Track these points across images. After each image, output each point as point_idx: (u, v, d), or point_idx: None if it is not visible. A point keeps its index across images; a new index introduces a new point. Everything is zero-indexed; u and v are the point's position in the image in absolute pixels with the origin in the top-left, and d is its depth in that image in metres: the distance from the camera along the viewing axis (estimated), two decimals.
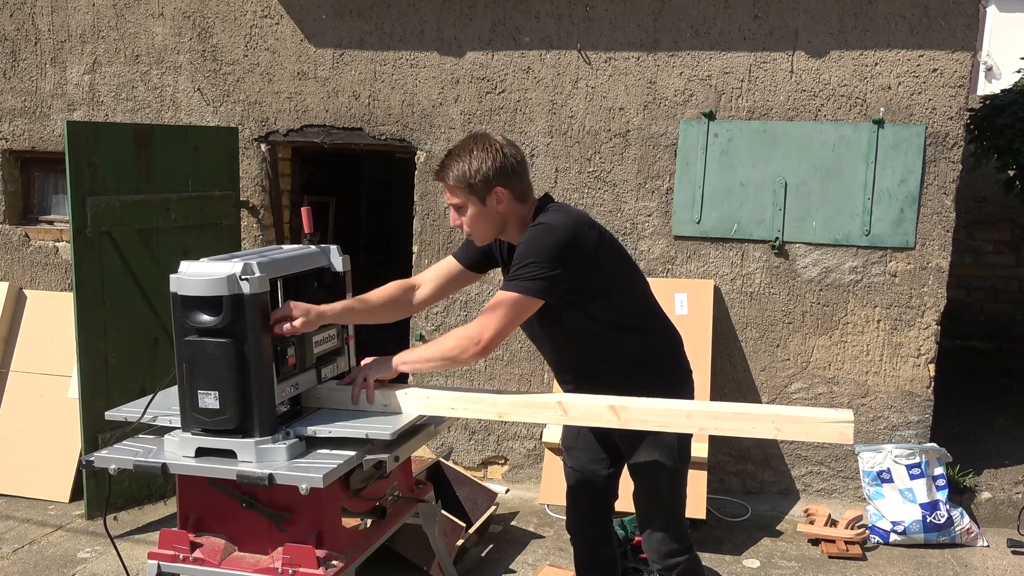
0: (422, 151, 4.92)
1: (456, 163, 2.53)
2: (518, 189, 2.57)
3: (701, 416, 2.44)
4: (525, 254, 2.46)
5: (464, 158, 2.52)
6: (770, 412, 2.41)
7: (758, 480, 4.81)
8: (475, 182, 2.52)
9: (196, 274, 2.36)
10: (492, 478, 5.02)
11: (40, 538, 4.21)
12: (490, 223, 2.59)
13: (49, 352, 4.93)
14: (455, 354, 2.50)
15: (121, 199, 4.27)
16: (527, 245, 2.47)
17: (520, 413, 2.56)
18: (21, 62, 5.35)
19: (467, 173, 2.52)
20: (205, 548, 2.50)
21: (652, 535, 2.73)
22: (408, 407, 2.61)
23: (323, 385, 2.69)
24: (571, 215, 2.55)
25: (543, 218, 2.52)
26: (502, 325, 2.46)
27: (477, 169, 2.51)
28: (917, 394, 4.60)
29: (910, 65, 4.41)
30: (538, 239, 2.47)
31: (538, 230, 2.48)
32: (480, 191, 2.53)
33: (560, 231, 2.46)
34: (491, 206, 2.55)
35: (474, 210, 2.56)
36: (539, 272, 2.43)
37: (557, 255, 2.44)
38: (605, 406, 2.47)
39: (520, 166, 2.58)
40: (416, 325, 5.04)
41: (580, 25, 4.67)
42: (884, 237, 4.51)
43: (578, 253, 2.47)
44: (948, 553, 4.20)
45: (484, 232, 2.62)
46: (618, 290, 2.60)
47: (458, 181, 2.53)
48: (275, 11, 4.99)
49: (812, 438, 2.40)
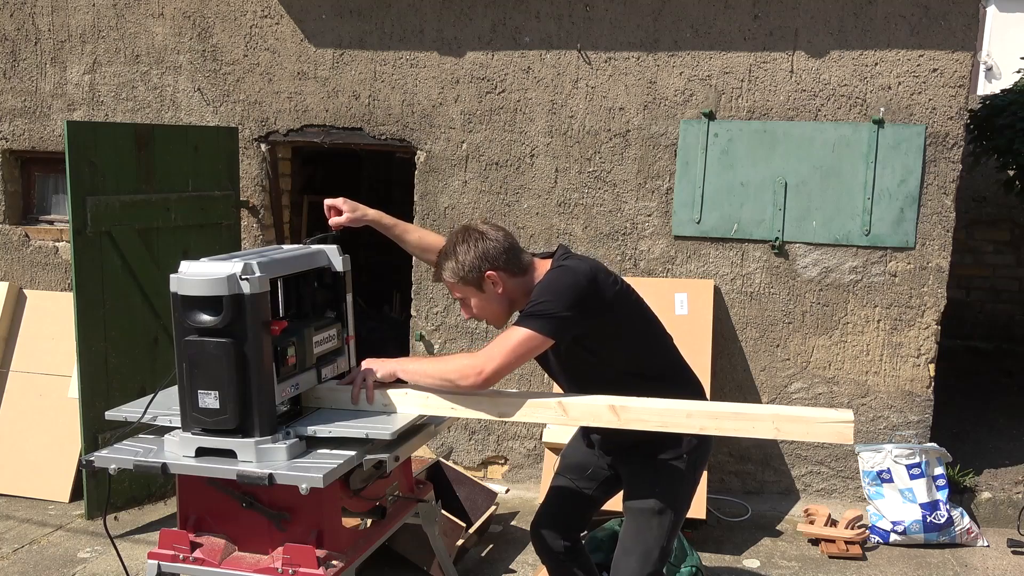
0: (422, 151, 4.93)
1: (447, 262, 2.65)
2: (509, 268, 2.63)
3: (701, 416, 2.44)
4: (542, 293, 2.52)
5: (451, 255, 2.64)
6: (770, 412, 2.41)
7: (758, 480, 4.81)
8: (465, 274, 2.62)
9: (196, 274, 2.36)
10: (492, 478, 5.02)
11: (40, 538, 4.21)
12: (497, 304, 2.66)
13: (49, 352, 4.93)
14: (454, 378, 2.55)
15: (121, 199, 4.27)
16: (545, 286, 2.53)
17: (520, 413, 2.57)
18: (21, 62, 5.35)
19: (456, 268, 2.63)
20: (205, 548, 2.50)
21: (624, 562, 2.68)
22: (408, 407, 2.62)
23: (323, 385, 2.69)
24: (589, 262, 2.62)
25: (562, 262, 2.58)
26: (507, 360, 2.51)
27: (462, 262, 2.61)
28: (917, 394, 4.60)
29: (910, 65, 4.41)
30: (556, 280, 2.53)
31: (557, 272, 2.55)
32: (474, 280, 2.62)
33: (579, 275, 2.52)
34: (489, 290, 2.63)
35: (476, 299, 2.65)
36: (553, 311, 2.48)
37: (573, 297, 2.48)
38: (605, 406, 2.48)
39: (506, 244, 2.64)
40: (416, 325, 5.04)
41: (580, 25, 4.67)
42: (884, 237, 4.51)
43: (594, 298, 2.51)
44: (948, 553, 4.20)
45: (496, 313, 2.69)
46: (634, 339, 2.63)
47: (452, 276, 2.64)
48: (275, 11, 4.99)
49: (812, 438, 2.40)
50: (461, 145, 4.87)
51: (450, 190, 4.90)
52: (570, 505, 2.92)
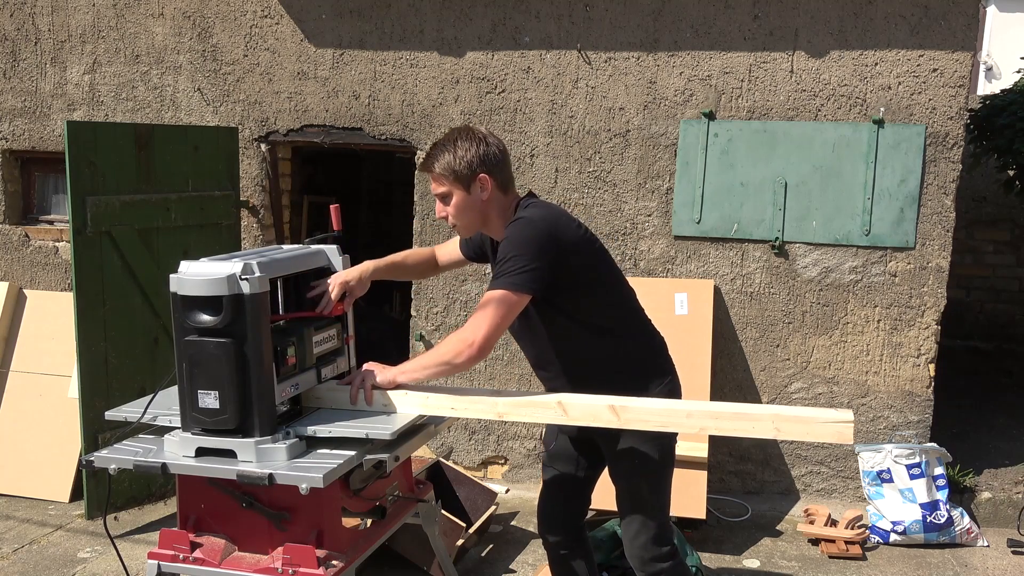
0: (422, 151, 4.92)
1: (441, 152, 2.59)
2: (501, 178, 2.62)
3: (701, 416, 2.44)
4: (507, 249, 2.50)
5: (449, 147, 2.59)
6: (770, 412, 2.41)
7: (758, 480, 4.81)
8: (459, 169, 2.58)
9: (196, 274, 2.36)
10: (492, 478, 5.02)
11: (40, 538, 4.21)
12: (474, 212, 2.63)
13: (49, 352, 4.93)
14: (450, 358, 2.52)
15: (121, 199, 4.27)
16: (508, 241, 2.52)
17: (520, 413, 2.56)
18: (21, 62, 5.35)
19: (452, 161, 2.58)
20: (205, 548, 2.50)
21: (634, 541, 2.70)
22: (408, 407, 2.62)
23: (323, 385, 2.69)
24: (549, 209, 2.61)
25: (521, 213, 2.58)
26: (494, 324, 2.47)
27: (462, 156, 2.57)
28: (917, 394, 4.60)
29: (910, 65, 4.41)
30: (518, 233, 2.51)
31: (517, 225, 2.53)
32: (465, 178, 2.58)
33: (538, 223, 2.51)
34: (475, 194, 2.60)
35: (459, 198, 2.61)
36: (522, 266, 2.46)
37: (537, 247, 2.47)
38: (605, 406, 2.47)
39: (503, 156, 2.64)
40: (416, 325, 5.04)
41: (580, 25, 4.67)
42: (884, 237, 4.51)
43: (556, 244, 2.50)
44: (948, 553, 4.20)
45: (469, 221, 2.65)
46: (595, 288, 2.61)
47: (444, 169, 2.58)
48: (275, 11, 4.99)
49: (812, 438, 2.40)
50: None
51: None
52: (565, 492, 2.90)
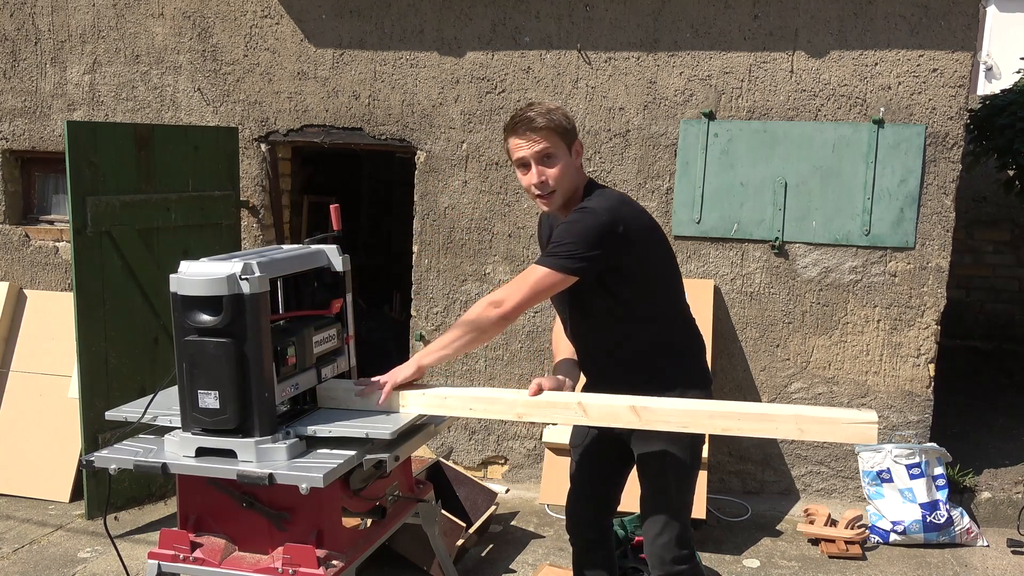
0: (422, 151, 4.93)
1: (552, 113, 2.50)
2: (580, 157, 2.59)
3: (724, 417, 2.40)
4: (566, 233, 2.46)
5: (557, 109, 2.51)
6: (793, 413, 2.38)
7: (758, 480, 4.81)
8: (569, 127, 2.51)
9: (196, 274, 2.36)
10: (492, 478, 5.02)
11: (40, 538, 4.21)
12: (570, 180, 2.55)
13: (49, 352, 4.93)
14: (474, 316, 2.48)
15: (121, 199, 4.27)
16: (570, 225, 2.47)
17: (539, 414, 2.53)
18: (21, 62, 5.35)
19: (563, 120, 2.49)
20: (205, 548, 2.50)
21: (656, 540, 2.67)
22: (426, 408, 2.60)
23: (339, 384, 2.69)
24: (613, 199, 2.54)
25: (589, 202, 2.51)
26: (527, 295, 2.46)
27: (564, 115, 2.51)
28: (917, 394, 4.60)
29: (910, 65, 4.41)
30: (578, 221, 2.46)
31: (582, 213, 2.48)
32: (570, 138, 2.52)
33: (602, 214, 2.46)
34: (573, 160, 2.55)
35: (564, 158, 2.52)
36: (574, 251, 2.43)
37: (596, 237, 2.44)
38: (626, 407, 2.44)
39: None
40: (416, 325, 5.04)
41: (580, 25, 4.67)
42: (884, 237, 4.51)
43: (615, 236, 2.46)
44: (948, 553, 4.20)
45: (568, 186, 2.56)
46: (649, 276, 2.59)
47: (553, 124, 2.48)
48: (275, 11, 4.99)
49: (835, 439, 2.37)
50: (461, 145, 4.87)
51: (450, 190, 4.90)
52: (594, 490, 2.86)
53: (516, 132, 2.53)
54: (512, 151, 2.56)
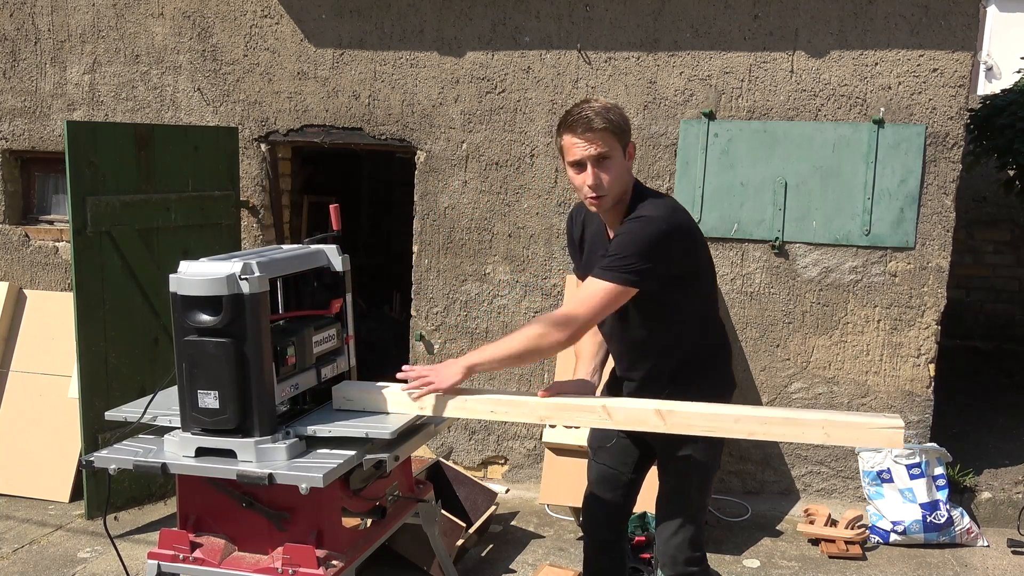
0: (422, 151, 4.93)
1: (608, 112, 2.41)
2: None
3: (749, 421, 2.37)
4: (628, 246, 2.40)
5: (608, 107, 2.42)
6: (820, 418, 2.36)
7: (758, 480, 4.81)
8: (625, 128, 2.43)
9: (196, 274, 2.36)
10: (492, 478, 5.02)
11: (40, 538, 4.21)
12: (623, 182, 2.47)
13: (49, 352, 4.93)
14: (536, 336, 2.43)
15: (121, 199, 4.27)
16: (630, 236, 2.42)
17: (563, 417, 2.51)
18: (21, 62, 5.35)
19: (620, 121, 2.41)
20: (205, 548, 2.50)
21: (671, 540, 2.65)
22: (448, 411, 2.59)
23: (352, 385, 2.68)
24: (667, 206, 2.50)
25: (644, 209, 2.46)
26: (593, 312, 2.41)
27: (619, 114, 2.42)
28: (917, 394, 4.60)
29: (910, 65, 4.41)
30: (643, 231, 2.41)
31: (641, 223, 2.42)
32: (626, 139, 2.44)
33: (661, 224, 2.41)
34: (626, 162, 2.48)
35: (619, 159, 2.44)
36: (636, 263, 2.39)
37: (657, 247, 2.40)
38: (651, 410, 2.42)
39: None
40: (416, 325, 5.04)
41: (580, 25, 4.67)
42: (884, 237, 4.51)
43: (672, 244, 2.43)
44: (948, 553, 4.20)
45: (620, 189, 2.48)
46: (698, 280, 2.58)
47: (610, 124, 2.40)
48: (275, 11, 4.99)
49: (862, 444, 2.35)
50: (461, 145, 4.87)
51: (450, 190, 4.90)
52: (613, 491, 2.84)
53: (573, 131, 2.43)
54: (566, 149, 2.47)
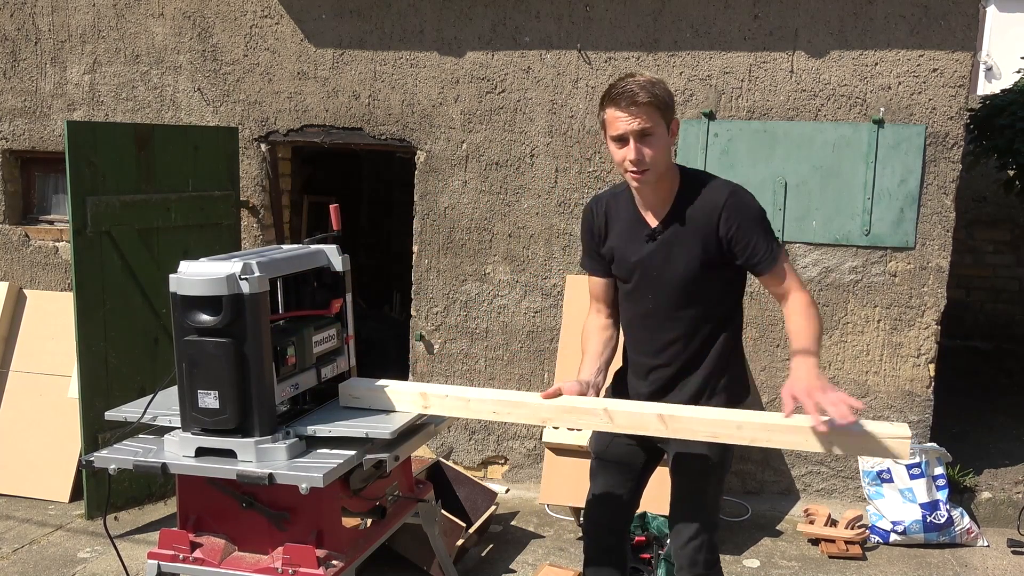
0: (422, 151, 4.93)
1: (647, 84, 2.33)
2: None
3: (753, 428, 2.32)
4: (761, 223, 2.43)
5: (653, 81, 2.35)
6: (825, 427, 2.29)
7: (758, 480, 4.81)
8: (670, 103, 2.36)
9: (196, 274, 2.36)
10: (492, 478, 5.02)
11: (40, 538, 4.22)
12: (665, 160, 2.42)
13: (49, 352, 4.93)
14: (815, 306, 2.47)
15: (121, 199, 4.27)
16: (749, 212, 2.43)
17: (565, 419, 2.49)
18: (21, 62, 5.35)
19: (664, 94, 2.34)
20: (205, 548, 2.50)
21: (691, 542, 2.60)
22: (450, 411, 2.58)
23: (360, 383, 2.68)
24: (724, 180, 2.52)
25: (727, 185, 2.47)
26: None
27: (668, 90, 2.36)
28: (917, 394, 4.60)
29: (910, 65, 4.41)
30: (751, 202, 2.44)
31: (741, 194, 2.44)
32: (670, 115, 2.38)
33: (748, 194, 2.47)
34: (670, 138, 2.42)
35: (663, 135, 2.38)
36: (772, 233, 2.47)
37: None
38: (653, 415, 2.38)
39: None
40: (416, 325, 5.04)
41: (580, 25, 4.67)
42: (884, 237, 4.51)
43: None
44: (948, 553, 4.20)
45: (660, 167, 2.42)
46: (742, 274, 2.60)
47: (655, 99, 2.33)
48: (275, 11, 4.99)
49: (869, 453, 2.29)
50: (461, 145, 4.87)
51: (450, 190, 4.90)
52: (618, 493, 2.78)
53: (617, 104, 2.36)
54: (609, 123, 2.41)
